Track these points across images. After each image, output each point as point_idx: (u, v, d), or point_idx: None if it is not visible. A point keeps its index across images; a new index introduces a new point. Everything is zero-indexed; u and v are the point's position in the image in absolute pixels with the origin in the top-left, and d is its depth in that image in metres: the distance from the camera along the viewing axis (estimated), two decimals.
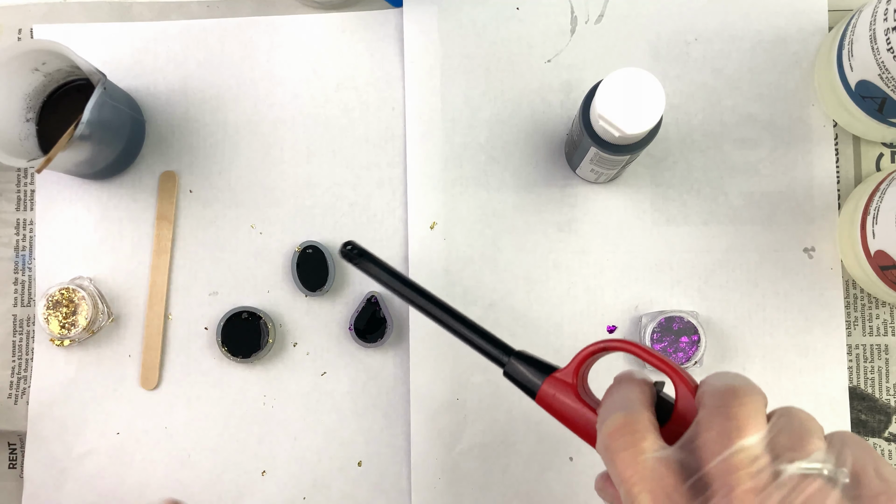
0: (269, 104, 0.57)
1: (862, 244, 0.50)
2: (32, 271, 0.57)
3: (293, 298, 0.56)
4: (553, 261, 0.55)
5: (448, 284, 0.55)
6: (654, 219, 0.55)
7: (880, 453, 0.53)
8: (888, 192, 0.47)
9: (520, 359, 0.40)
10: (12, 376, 0.57)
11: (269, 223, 0.57)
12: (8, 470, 0.58)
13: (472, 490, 0.54)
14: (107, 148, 0.53)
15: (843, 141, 0.55)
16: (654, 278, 0.55)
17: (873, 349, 0.54)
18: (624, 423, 0.32)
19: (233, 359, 0.55)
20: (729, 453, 0.28)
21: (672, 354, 0.52)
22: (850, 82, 0.50)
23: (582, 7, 0.56)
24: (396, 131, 0.57)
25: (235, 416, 0.56)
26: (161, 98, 0.57)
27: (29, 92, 0.53)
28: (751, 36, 0.56)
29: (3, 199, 0.58)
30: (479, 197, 0.56)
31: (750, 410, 0.29)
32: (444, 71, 0.56)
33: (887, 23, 0.44)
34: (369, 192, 0.56)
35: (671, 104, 0.55)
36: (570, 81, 0.56)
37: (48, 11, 0.58)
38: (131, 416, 0.56)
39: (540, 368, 0.39)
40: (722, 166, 0.55)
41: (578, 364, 0.37)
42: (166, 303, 0.56)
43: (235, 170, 0.57)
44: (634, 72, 0.43)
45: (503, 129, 0.56)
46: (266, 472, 0.56)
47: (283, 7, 0.58)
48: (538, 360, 0.39)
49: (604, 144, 0.46)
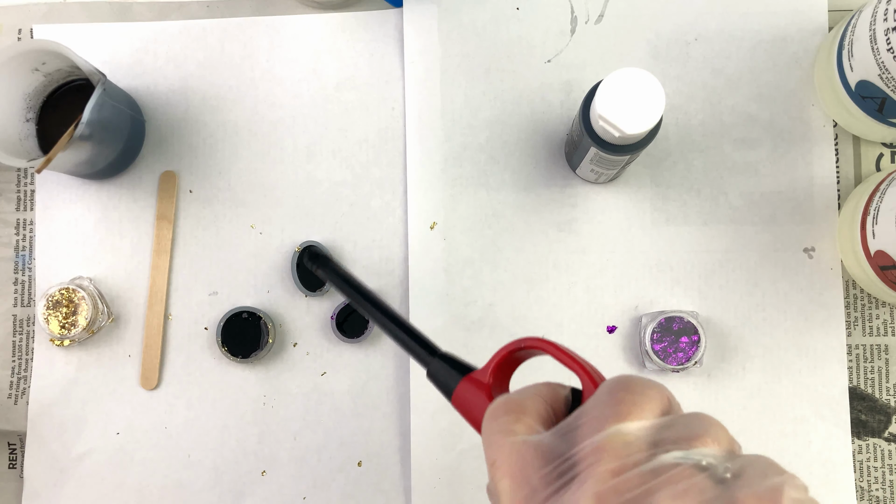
0: (269, 104, 0.57)
1: (862, 244, 0.50)
2: (32, 271, 0.57)
3: (293, 298, 0.56)
4: (553, 261, 0.55)
5: (448, 284, 0.55)
6: (654, 219, 0.55)
7: (880, 453, 0.53)
8: (888, 192, 0.47)
9: (443, 360, 0.38)
10: (12, 376, 0.57)
11: (269, 223, 0.57)
12: (8, 470, 0.58)
13: (472, 490, 0.54)
14: (107, 148, 0.53)
15: (843, 141, 0.55)
16: (654, 278, 0.55)
17: (873, 349, 0.54)
18: (503, 405, 0.30)
19: (233, 359, 0.55)
20: (601, 436, 0.26)
21: (672, 354, 0.52)
22: (850, 82, 0.50)
23: (582, 7, 0.56)
24: (396, 131, 0.57)
25: (235, 416, 0.56)
26: (161, 98, 0.57)
27: (29, 92, 0.53)
28: (751, 36, 0.56)
29: (3, 199, 0.58)
30: (479, 197, 0.56)
31: (637, 399, 0.27)
32: (444, 71, 0.56)
33: (887, 23, 0.44)
34: (369, 192, 0.56)
35: (671, 104, 0.55)
36: (570, 81, 0.56)
37: (48, 11, 0.58)
38: (131, 416, 0.56)
39: (460, 370, 0.37)
40: (722, 166, 0.55)
41: (496, 365, 0.35)
42: (166, 303, 0.56)
43: (235, 170, 0.57)
44: (634, 72, 0.43)
45: (503, 129, 0.56)
46: (266, 472, 0.56)
47: (283, 7, 0.58)
48: (460, 362, 0.37)
49: (604, 144, 0.46)
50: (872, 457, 0.54)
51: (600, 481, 0.24)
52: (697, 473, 0.24)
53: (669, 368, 0.52)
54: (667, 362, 0.52)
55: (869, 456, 0.54)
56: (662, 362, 0.52)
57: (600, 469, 0.25)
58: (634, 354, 0.55)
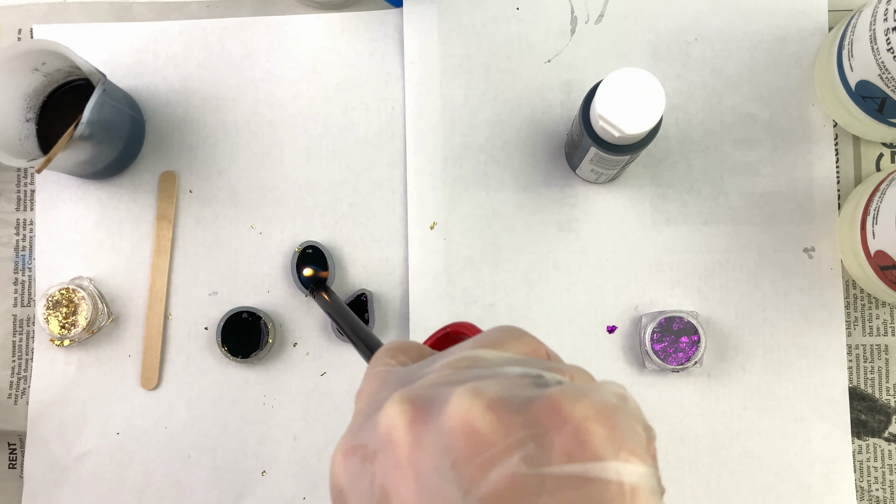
0: (269, 104, 0.57)
1: (862, 244, 0.50)
2: (32, 271, 0.57)
3: (293, 298, 0.56)
4: (553, 261, 0.55)
5: (448, 284, 0.55)
6: (654, 219, 0.55)
7: (880, 453, 0.53)
8: (888, 192, 0.47)
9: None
10: (12, 376, 0.57)
11: (269, 223, 0.57)
12: (8, 470, 0.58)
13: None
14: (107, 148, 0.53)
15: (843, 141, 0.55)
16: (654, 278, 0.55)
17: (873, 349, 0.54)
18: (386, 347, 0.28)
19: (233, 359, 0.55)
20: (454, 356, 0.25)
21: (672, 354, 0.52)
22: (850, 82, 0.50)
23: (582, 7, 0.56)
24: (396, 131, 0.57)
25: (235, 416, 0.56)
26: (161, 98, 0.57)
27: (29, 92, 0.53)
28: (751, 36, 0.56)
29: (3, 199, 0.58)
30: (479, 197, 0.56)
31: (504, 336, 0.26)
32: (444, 71, 0.56)
33: (887, 23, 0.44)
34: (369, 192, 0.56)
35: (671, 104, 0.55)
36: (570, 81, 0.56)
37: (48, 11, 0.58)
38: (131, 416, 0.56)
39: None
40: (722, 166, 0.55)
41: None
42: (166, 303, 0.56)
43: (235, 170, 0.57)
44: (634, 72, 0.43)
45: (503, 129, 0.56)
46: (266, 472, 0.56)
47: (283, 7, 0.58)
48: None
49: (604, 144, 0.46)
50: (872, 457, 0.54)
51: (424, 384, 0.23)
52: (521, 379, 0.23)
53: (669, 368, 0.52)
54: (667, 362, 0.52)
55: (869, 456, 0.54)
56: (662, 362, 0.52)
57: (434, 374, 0.24)
58: (634, 354, 0.55)
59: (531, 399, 0.21)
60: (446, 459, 0.21)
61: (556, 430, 0.20)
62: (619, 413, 0.21)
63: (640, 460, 0.20)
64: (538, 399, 0.21)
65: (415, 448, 0.21)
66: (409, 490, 0.21)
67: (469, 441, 0.21)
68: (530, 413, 0.21)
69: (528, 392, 0.22)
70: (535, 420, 0.21)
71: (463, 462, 0.20)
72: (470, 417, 0.21)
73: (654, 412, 0.54)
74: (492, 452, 0.20)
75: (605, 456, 0.20)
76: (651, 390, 0.54)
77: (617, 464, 0.20)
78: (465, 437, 0.21)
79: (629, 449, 0.20)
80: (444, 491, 0.20)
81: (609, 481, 0.20)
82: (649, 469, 0.21)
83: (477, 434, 0.21)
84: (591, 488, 0.20)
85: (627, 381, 0.54)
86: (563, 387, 0.22)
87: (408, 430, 0.22)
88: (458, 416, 0.21)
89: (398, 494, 0.21)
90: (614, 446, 0.20)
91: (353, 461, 0.23)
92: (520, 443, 0.20)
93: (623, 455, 0.20)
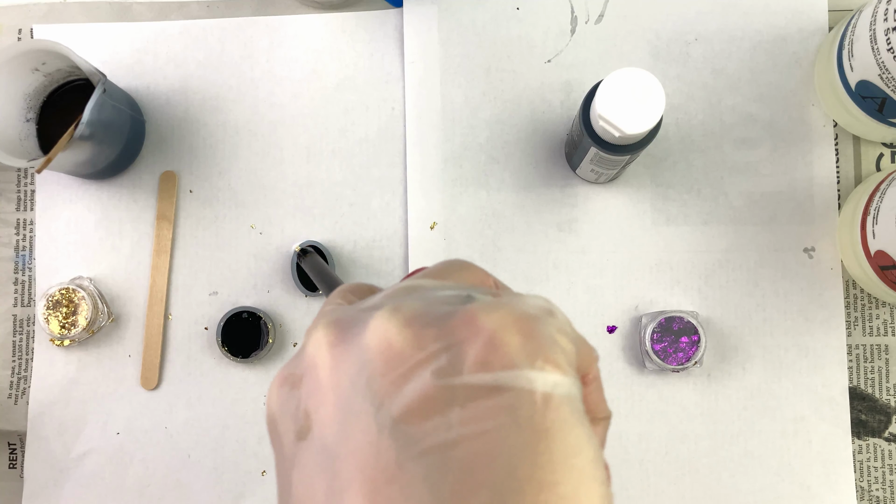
0: (269, 104, 0.57)
1: (862, 244, 0.50)
2: (32, 271, 0.57)
3: (293, 298, 0.56)
4: (553, 261, 0.55)
5: None
6: (654, 219, 0.55)
7: (880, 453, 0.53)
8: (888, 192, 0.47)
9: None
10: (12, 376, 0.57)
11: (269, 223, 0.57)
12: (8, 470, 0.58)
13: None
14: (107, 148, 0.53)
15: (843, 141, 0.55)
16: (654, 278, 0.55)
17: (873, 349, 0.54)
18: (339, 289, 0.27)
19: (233, 359, 0.55)
20: (397, 284, 0.24)
21: (672, 354, 0.52)
22: (850, 82, 0.50)
23: (582, 7, 0.56)
24: (396, 131, 0.57)
25: (235, 416, 0.56)
26: (161, 98, 0.57)
27: (29, 92, 0.53)
28: (751, 36, 0.56)
29: (3, 199, 0.58)
30: (479, 197, 0.56)
31: (450, 269, 0.25)
32: (444, 71, 0.56)
33: (887, 23, 0.44)
34: (369, 192, 0.56)
35: (671, 104, 0.55)
36: (570, 81, 0.56)
37: (48, 11, 0.58)
38: (131, 416, 0.56)
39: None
40: (722, 166, 0.55)
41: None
42: (166, 303, 0.56)
43: (235, 170, 0.57)
44: (634, 72, 0.43)
45: (503, 129, 0.56)
46: (266, 472, 0.56)
47: (283, 7, 0.58)
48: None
49: (604, 144, 0.46)
50: (872, 457, 0.54)
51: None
52: (449, 299, 0.22)
53: (669, 368, 0.52)
54: (667, 362, 0.52)
55: (869, 456, 0.54)
56: (662, 362, 0.52)
57: (378, 298, 0.23)
58: (634, 354, 0.55)
59: (450, 313, 0.21)
60: (363, 377, 0.20)
61: (471, 342, 0.20)
62: (538, 322, 0.20)
63: (558, 369, 0.20)
64: (456, 312, 0.21)
65: (334, 369, 0.21)
66: (327, 410, 0.21)
67: (384, 357, 0.20)
68: (446, 326, 0.20)
69: (449, 308, 0.21)
70: (450, 332, 0.20)
71: (378, 378, 0.20)
72: (387, 334, 0.21)
73: (654, 412, 0.54)
74: (406, 367, 0.20)
75: (519, 364, 0.19)
76: (651, 390, 0.54)
77: (531, 372, 0.19)
78: (380, 354, 0.20)
79: (545, 357, 0.20)
80: (359, 408, 0.20)
81: (521, 389, 0.19)
82: (568, 379, 0.20)
83: (392, 350, 0.20)
84: (503, 398, 0.19)
85: (627, 381, 0.54)
86: (482, 300, 0.21)
87: (329, 352, 0.22)
88: (375, 333, 0.21)
89: (318, 415, 0.21)
90: (529, 355, 0.20)
91: (283, 390, 0.23)
92: (433, 356, 0.20)
93: (539, 364, 0.20)
